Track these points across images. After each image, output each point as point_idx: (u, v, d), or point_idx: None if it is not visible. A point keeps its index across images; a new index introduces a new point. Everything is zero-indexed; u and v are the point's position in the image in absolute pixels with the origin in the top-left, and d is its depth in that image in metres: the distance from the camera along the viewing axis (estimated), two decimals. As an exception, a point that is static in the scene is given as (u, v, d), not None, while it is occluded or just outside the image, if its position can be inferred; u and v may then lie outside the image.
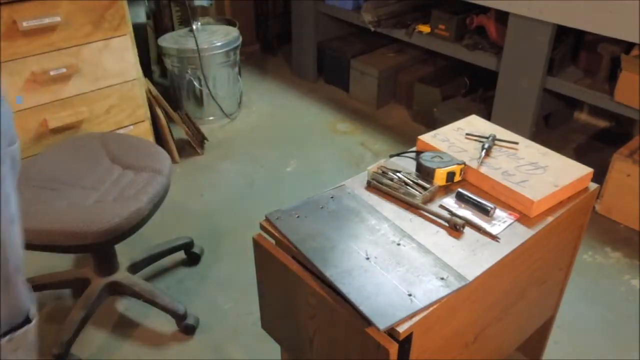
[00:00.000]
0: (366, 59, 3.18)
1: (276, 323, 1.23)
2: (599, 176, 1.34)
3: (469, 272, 1.00)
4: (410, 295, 0.94)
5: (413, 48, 3.25)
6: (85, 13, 2.06)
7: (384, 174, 1.25)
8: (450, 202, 1.19)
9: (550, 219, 1.15)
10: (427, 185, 1.21)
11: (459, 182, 1.25)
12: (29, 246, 1.43)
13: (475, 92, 2.82)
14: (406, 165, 1.30)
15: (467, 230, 1.11)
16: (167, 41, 2.89)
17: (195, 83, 2.88)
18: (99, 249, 1.71)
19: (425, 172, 1.24)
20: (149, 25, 3.15)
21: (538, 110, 2.42)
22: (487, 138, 1.33)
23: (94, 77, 2.18)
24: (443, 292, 0.95)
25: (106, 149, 1.77)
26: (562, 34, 2.32)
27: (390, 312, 0.91)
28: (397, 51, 3.30)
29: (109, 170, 1.69)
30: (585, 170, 1.24)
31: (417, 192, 1.19)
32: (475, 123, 1.44)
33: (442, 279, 0.98)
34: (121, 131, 2.34)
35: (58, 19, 1.99)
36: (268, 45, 3.86)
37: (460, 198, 1.19)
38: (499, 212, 1.16)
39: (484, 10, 2.52)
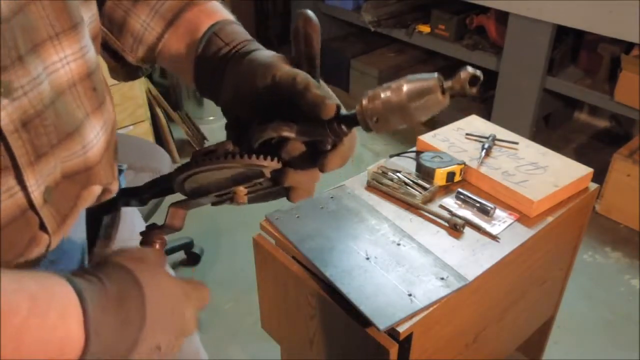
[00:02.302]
0: (366, 59, 3.18)
1: (276, 323, 1.23)
2: (599, 176, 1.34)
3: (469, 272, 1.00)
4: (410, 295, 0.94)
5: (413, 48, 3.25)
6: (85, 13, 2.06)
7: (384, 174, 1.25)
8: (450, 202, 1.19)
9: (550, 219, 1.15)
10: (427, 185, 1.21)
11: (459, 182, 1.25)
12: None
13: (475, 92, 2.82)
14: (406, 165, 1.30)
15: (467, 230, 1.11)
16: (167, 41, 2.89)
17: (195, 83, 2.88)
18: (99, 249, 1.71)
19: (425, 172, 1.24)
20: (149, 25, 3.14)
21: (538, 110, 2.42)
22: (487, 138, 1.33)
23: (94, 77, 2.18)
24: (443, 292, 0.95)
25: (106, 149, 1.77)
26: (562, 34, 2.32)
27: (390, 312, 0.91)
28: (397, 51, 3.29)
29: (109, 170, 1.69)
30: (585, 170, 1.24)
31: (417, 192, 1.19)
32: (475, 123, 1.44)
33: (442, 279, 0.98)
34: (121, 131, 2.34)
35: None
36: (268, 45, 3.86)
37: (460, 198, 1.19)
38: (499, 212, 1.15)
39: (484, 10, 2.52)
